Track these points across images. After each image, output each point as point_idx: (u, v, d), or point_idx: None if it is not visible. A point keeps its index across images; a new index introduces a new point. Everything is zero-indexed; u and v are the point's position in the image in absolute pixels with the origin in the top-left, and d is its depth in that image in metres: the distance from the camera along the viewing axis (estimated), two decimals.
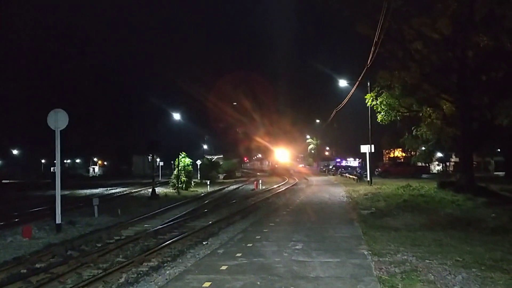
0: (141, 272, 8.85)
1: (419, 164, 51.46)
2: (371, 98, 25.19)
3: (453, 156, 53.14)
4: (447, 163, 57.86)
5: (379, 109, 24.65)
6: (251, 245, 10.04)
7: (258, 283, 6.86)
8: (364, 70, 24.56)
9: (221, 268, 7.87)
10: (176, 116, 40.49)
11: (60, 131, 14.91)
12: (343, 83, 35.12)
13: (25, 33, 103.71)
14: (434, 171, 58.89)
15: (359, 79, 28.19)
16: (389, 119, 24.86)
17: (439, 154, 54.64)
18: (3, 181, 58.95)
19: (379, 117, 24.99)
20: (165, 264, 9.29)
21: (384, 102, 24.20)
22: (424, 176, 44.89)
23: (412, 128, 27.35)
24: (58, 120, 14.94)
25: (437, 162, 60.37)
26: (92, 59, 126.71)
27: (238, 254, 8.99)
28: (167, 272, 8.32)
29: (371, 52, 21.53)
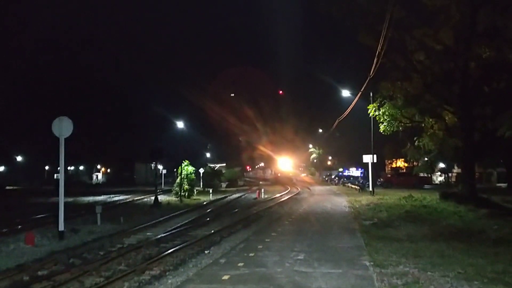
0: (143, 281, 8.86)
1: (422, 174, 51.38)
2: (374, 109, 25.26)
3: (456, 167, 53.04)
4: (450, 174, 57.74)
5: (382, 119, 24.73)
6: (253, 254, 10.07)
7: None
8: (367, 80, 24.65)
9: (222, 278, 7.90)
10: (179, 124, 40.61)
11: (64, 138, 14.99)
12: (345, 93, 35.21)
13: (30, 41, 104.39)
14: (437, 181, 58.77)
15: (362, 89, 28.23)
16: (392, 129, 24.91)
17: (441, 165, 54.53)
18: (7, 187, 59.02)
19: (382, 127, 25.04)
20: (167, 273, 9.30)
21: (387, 113, 24.29)
22: (426, 186, 44.83)
23: (414, 138, 27.40)
24: (63, 127, 15.00)
25: (439, 173, 60.24)
26: (96, 68, 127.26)
27: (240, 264, 9.01)
28: (169, 281, 8.34)
29: (374, 62, 21.65)
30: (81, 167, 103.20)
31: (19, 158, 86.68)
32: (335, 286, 7.23)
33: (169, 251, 11.70)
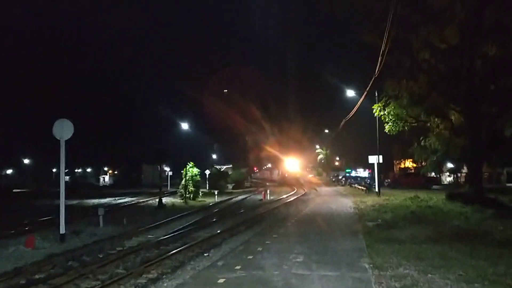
0: (139, 284, 8.76)
1: (430, 175, 50.90)
2: (379, 108, 24.98)
3: (465, 167, 52.51)
4: (459, 174, 57.18)
5: (387, 119, 24.42)
6: (251, 257, 9.92)
7: None
8: (372, 80, 24.37)
9: (218, 281, 7.76)
10: (184, 126, 40.65)
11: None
12: (350, 93, 34.95)
13: (36, 44, 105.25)
14: (445, 182, 58.24)
15: (367, 89, 27.92)
16: (397, 129, 24.58)
17: (450, 165, 54.02)
18: (14, 190, 59.34)
19: (387, 127, 24.72)
20: (164, 276, 9.19)
21: (392, 112, 23.97)
22: (434, 187, 44.42)
23: (421, 138, 27.06)
24: (64, 130, 14.98)
25: (448, 173, 59.69)
26: (102, 71, 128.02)
27: (238, 267, 8.87)
28: (165, 284, 8.23)
29: (379, 61, 21.39)
30: (89, 169, 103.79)
31: (26, 161, 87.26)
32: None
33: (169, 253, 11.60)
